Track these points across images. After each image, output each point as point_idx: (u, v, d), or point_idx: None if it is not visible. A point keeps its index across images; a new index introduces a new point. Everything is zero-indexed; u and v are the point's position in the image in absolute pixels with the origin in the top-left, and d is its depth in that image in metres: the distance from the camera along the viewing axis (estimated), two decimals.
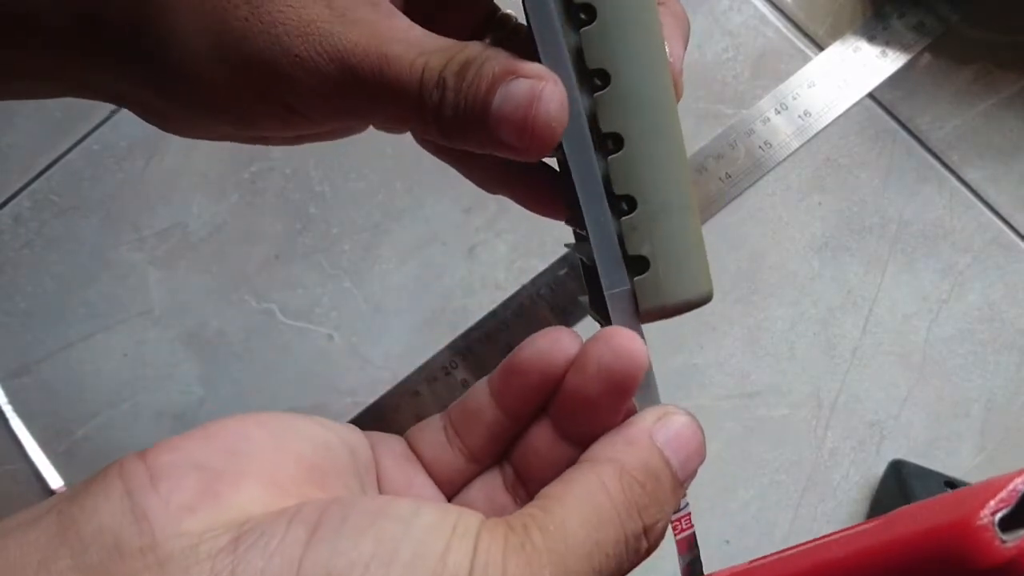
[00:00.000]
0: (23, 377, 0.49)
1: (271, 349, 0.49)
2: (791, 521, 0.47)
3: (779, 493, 0.47)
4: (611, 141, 0.21)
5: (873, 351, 0.48)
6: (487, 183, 0.26)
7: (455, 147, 0.22)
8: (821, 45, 0.52)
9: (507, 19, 0.26)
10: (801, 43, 0.52)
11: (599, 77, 0.21)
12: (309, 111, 0.22)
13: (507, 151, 0.20)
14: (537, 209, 0.26)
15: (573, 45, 0.20)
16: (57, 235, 0.50)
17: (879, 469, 0.47)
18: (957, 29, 0.51)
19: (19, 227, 0.50)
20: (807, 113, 0.51)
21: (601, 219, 0.21)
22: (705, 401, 0.48)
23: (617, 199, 0.21)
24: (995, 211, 0.50)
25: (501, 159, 0.21)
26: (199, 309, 0.49)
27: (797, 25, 0.52)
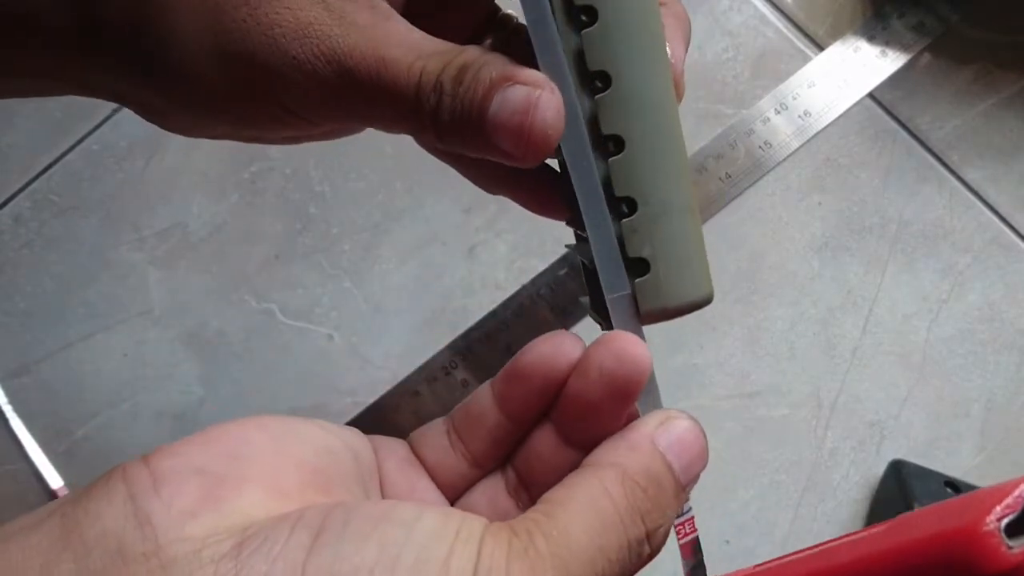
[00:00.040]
0: (23, 377, 0.48)
1: (271, 349, 0.49)
2: (791, 521, 0.47)
3: (779, 493, 0.47)
4: (612, 143, 0.21)
5: (873, 351, 0.48)
6: (487, 184, 0.26)
7: (452, 151, 0.22)
8: (821, 45, 0.52)
9: (508, 19, 0.26)
10: (801, 43, 0.52)
11: (600, 79, 0.20)
12: (306, 113, 0.22)
13: (503, 157, 0.20)
14: (538, 210, 0.25)
15: (574, 47, 0.20)
16: (57, 235, 0.50)
17: (879, 469, 0.47)
18: (957, 29, 0.51)
19: (19, 227, 0.50)
20: (807, 113, 0.51)
21: (601, 223, 0.21)
22: (705, 401, 0.48)
23: (618, 201, 0.21)
24: (995, 211, 0.50)
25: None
26: (199, 309, 0.49)
27: (797, 25, 0.52)
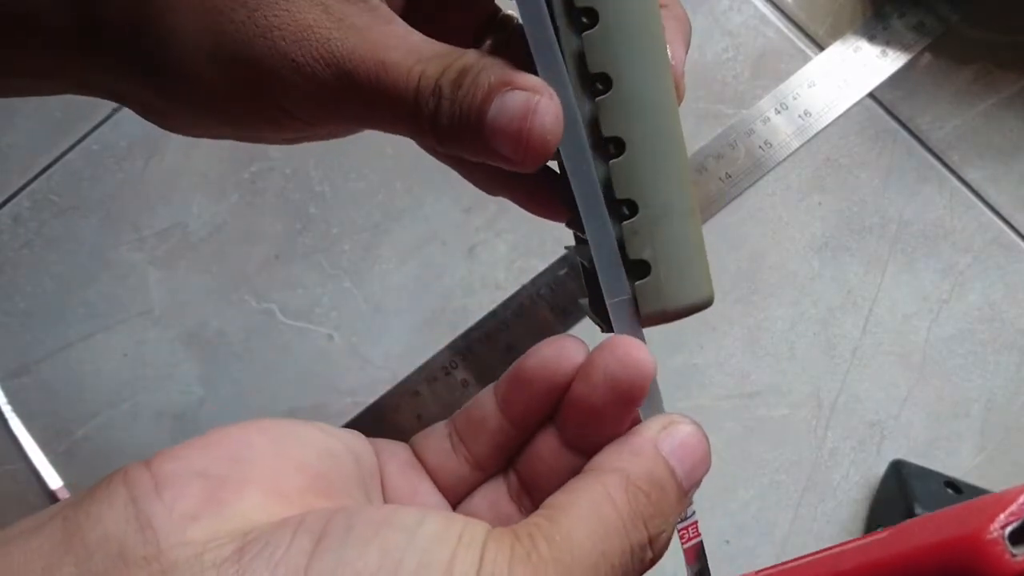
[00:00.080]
0: (23, 377, 0.48)
1: (271, 349, 0.49)
2: (791, 521, 0.47)
3: (779, 493, 0.47)
4: (612, 145, 0.21)
5: (873, 351, 0.48)
6: (487, 185, 0.26)
7: (451, 154, 0.22)
8: (821, 45, 0.52)
9: (508, 20, 0.26)
10: (801, 43, 0.52)
11: (601, 81, 0.20)
12: (305, 115, 0.22)
13: (502, 161, 0.20)
14: (538, 211, 0.25)
15: (575, 49, 0.20)
16: (57, 235, 0.50)
17: (879, 469, 0.47)
18: (957, 29, 0.51)
19: (19, 227, 0.50)
20: (807, 113, 0.50)
21: (601, 226, 0.21)
22: (705, 401, 0.48)
23: (618, 203, 0.21)
24: (995, 211, 0.50)
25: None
26: (199, 309, 0.49)
27: (797, 25, 0.52)
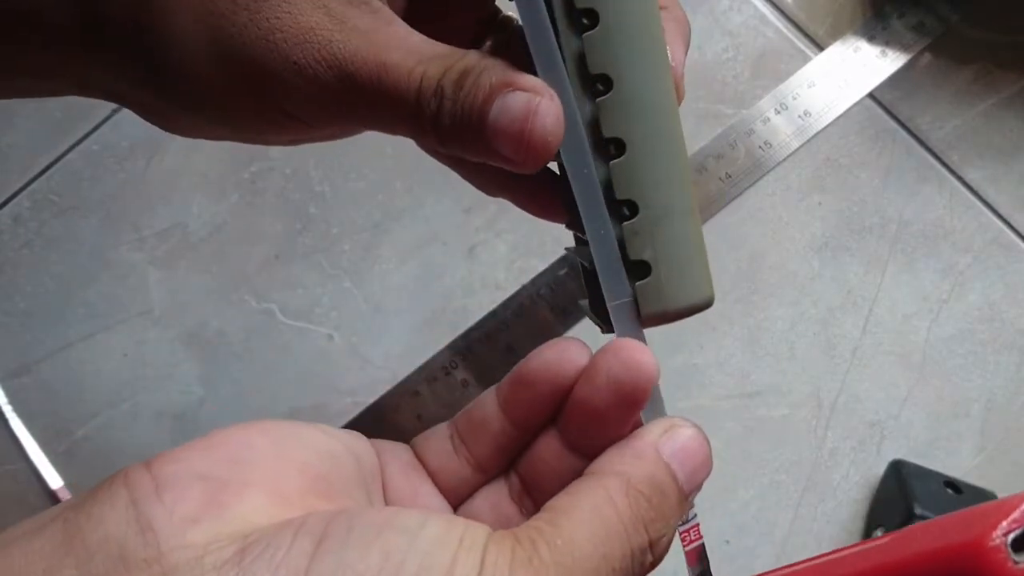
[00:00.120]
0: (23, 377, 0.48)
1: (271, 349, 0.49)
2: (791, 521, 0.47)
3: (779, 493, 0.47)
4: (613, 146, 0.21)
5: (873, 351, 0.48)
6: (487, 186, 0.26)
7: (452, 155, 0.22)
8: (821, 45, 0.52)
9: (509, 22, 0.26)
10: (801, 43, 0.52)
11: (601, 82, 0.20)
12: (307, 117, 0.22)
13: (503, 162, 0.20)
14: (538, 213, 0.25)
15: (575, 50, 0.20)
16: (57, 235, 0.50)
17: (879, 469, 0.47)
18: (957, 29, 0.51)
19: (19, 227, 0.50)
20: (807, 113, 0.50)
21: (601, 227, 0.21)
22: (705, 401, 0.48)
23: (618, 204, 0.21)
24: (995, 211, 0.50)
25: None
26: (199, 309, 0.49)
27: (797, 25, 0.52)
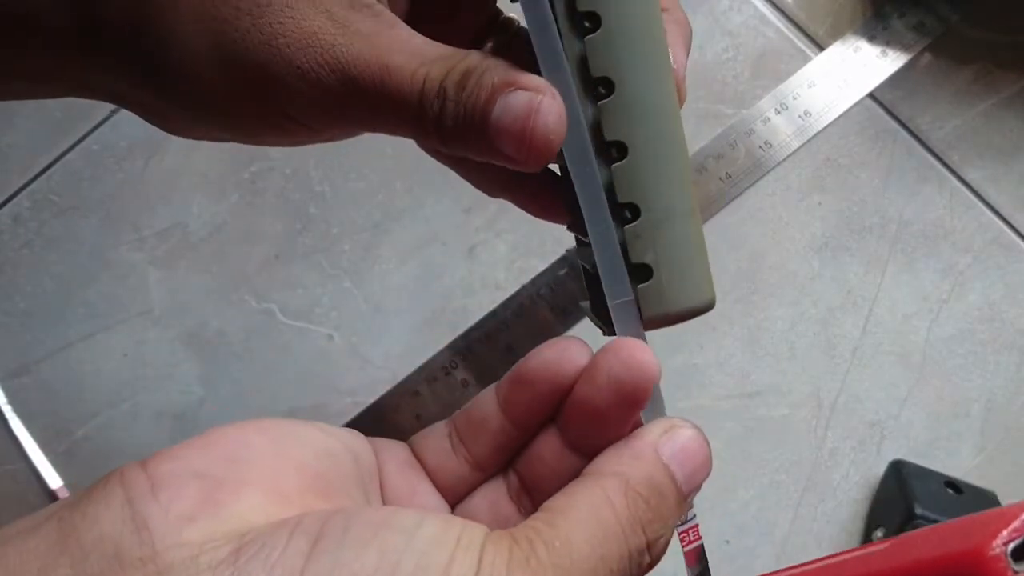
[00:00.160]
0: (23, 377, 0.48)
1: (271, 349, 0.49)
2: (791, 521, 0.47)
3: (779, 493, 0.47)
4: (615, 149, 0.21)
5: (873, 351, 0.48)
6: (488, 187, 0.26)
7: (455, 155, 0.22)
8: (821, 45, 0.52)
9: (510, 23, 0.26)
10: (801, 43, 0.52)
11: (603, 85, 0.20)
12: (309, 120, 0.22)
13: (506, 161, 0.20)
14: (539, 214, 0.26)
15: (577, 53, 0.20)
16: (57, 235, 0.50)
17: (879, 469, 0.47)
18: (957, 29, 0.51)
19: (19, 227, 0.50)
20: (807, 113, 0.50)
21: (604, 229, 0.21)
22: (705, 401, 0.48)
23: (620, 207, 0.21)
24: (995, 211, 0.50)
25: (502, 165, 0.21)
26: (199, 309, 0.49)
27: (797, 25, 0.52)
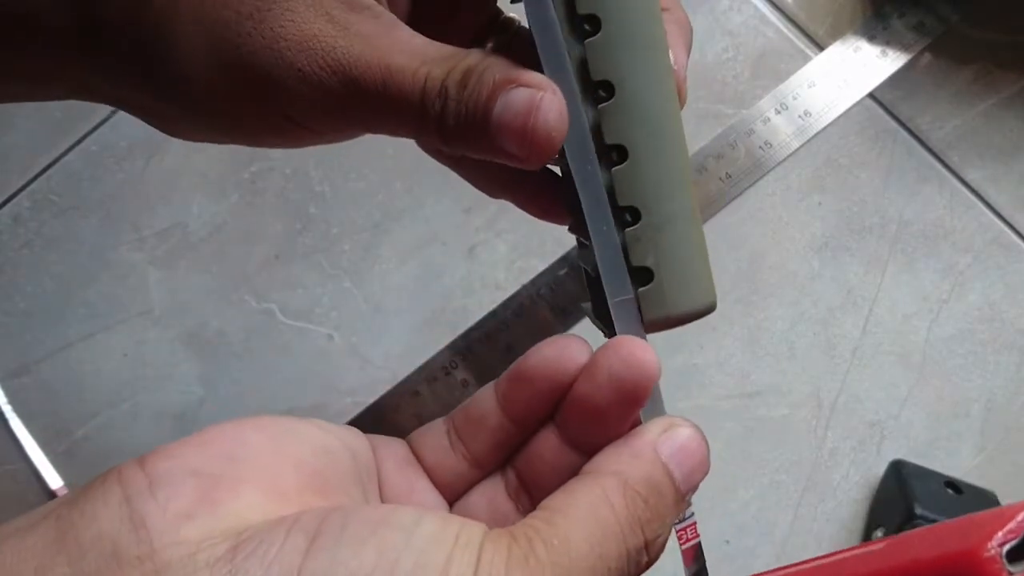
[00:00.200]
0: (23, 377, 0.48)
1: (271, 349, 0.49)
2: (791, 521, 0.47)
3: (779, 493, 0.47)
4: (615, 153, 0.21)
5: (873, 351, 0.48)
6: (489, 188, 0.26)
7: (457, 154, 0.22)
8: (821, 45, 0.52)
9: (510, 23, 0.26)
10: (801, 43, 0.52)
11: (603, 89, 0.20)
12: (311, 123, 0.22)
13: (508, 159, 0.20)
14: (540, 215, 0.26)
15: (577, 56, 0.20)
16: (57, 235, 0.50)
17: (879, 469, 0.47)
18: (957, 29, 0.51)
19: (19, 227, 0.50)
20: (807, 113, 0.50)
21: (605, 231, 0.21)
22: (705, 401, 0.48)
23: (621, 210, 0.21)
24: (995, 211, 0.50)
25: (503, 164, 0.21)
26: (199, 309, 0.49)
27: (797, 25, 0.52)
